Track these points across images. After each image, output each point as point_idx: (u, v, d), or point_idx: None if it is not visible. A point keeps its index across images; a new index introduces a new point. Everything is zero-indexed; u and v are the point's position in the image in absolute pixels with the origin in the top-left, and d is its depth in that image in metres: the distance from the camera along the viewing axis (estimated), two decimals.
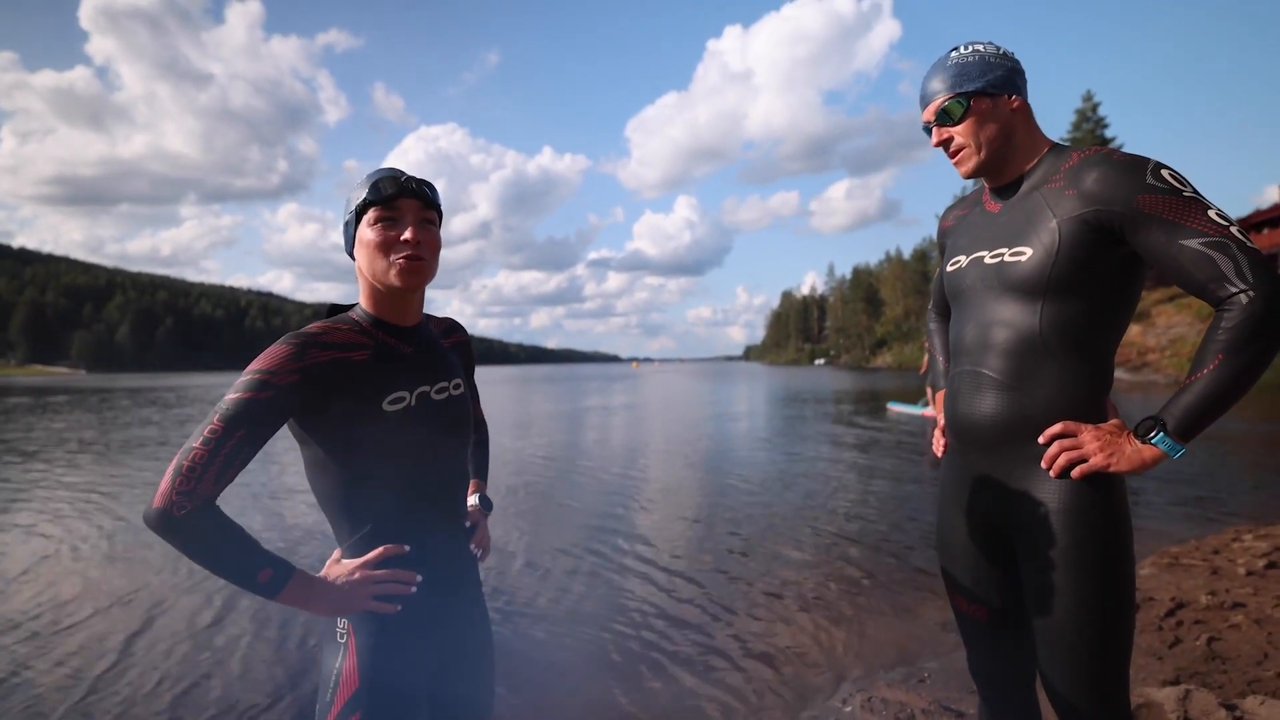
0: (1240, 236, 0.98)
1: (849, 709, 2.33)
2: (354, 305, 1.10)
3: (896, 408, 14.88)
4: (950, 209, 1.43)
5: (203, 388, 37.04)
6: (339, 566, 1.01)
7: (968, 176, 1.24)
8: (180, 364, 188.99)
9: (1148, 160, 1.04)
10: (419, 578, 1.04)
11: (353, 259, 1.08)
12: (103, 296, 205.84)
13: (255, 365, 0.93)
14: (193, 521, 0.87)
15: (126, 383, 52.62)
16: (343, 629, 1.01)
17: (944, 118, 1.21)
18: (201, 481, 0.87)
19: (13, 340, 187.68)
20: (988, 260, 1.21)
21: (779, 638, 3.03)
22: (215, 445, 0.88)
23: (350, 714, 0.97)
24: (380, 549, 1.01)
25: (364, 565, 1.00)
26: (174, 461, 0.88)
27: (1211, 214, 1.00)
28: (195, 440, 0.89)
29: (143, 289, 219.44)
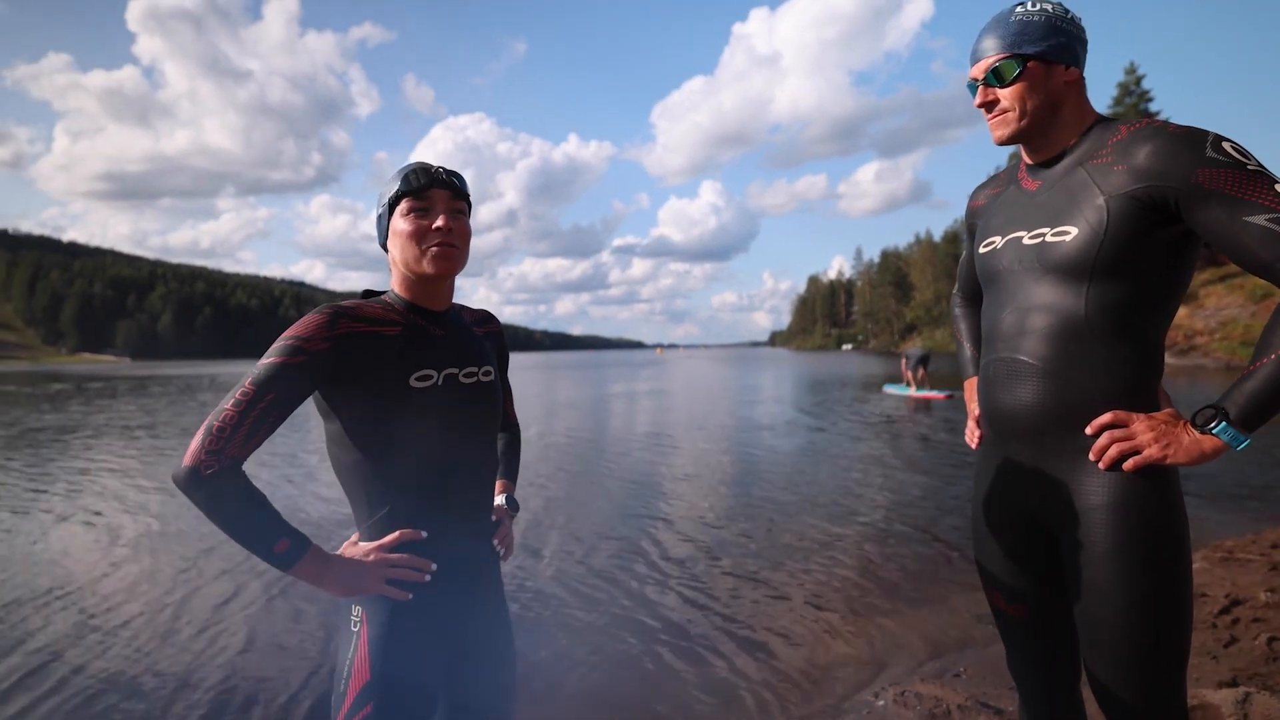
0: None
1: (881, 703, 2.27)
2: (387, 291, 1.11)
3: (891, 390, 15.72)
4: (981, 187, 1.36)
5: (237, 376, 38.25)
6: (355, 549, 1.01)
7: (1001, 142, 1.16)
8: (218, 352, 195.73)
9: (1206, 132, 0.98)
10: (434, 566, 1.02)
11: (385, 251, 1.10)
12: (145, 287, 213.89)
13: (289, 332, 0.96)
14: (218, 482, 0.88)
15: (170, 370, 54.66)
16: (356, 618, 1.00)
17: (994, 78, 1.13)
18: (230, 442, 0.88)
19: (64, 330, 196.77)
20: (1027, 241, 1.14)
21: (810, 630, 2.99)
22: (246, 407, 0.90)
23: (363, 706, 0.95)
24: (397, 533, 1.01)
25: (380, 548, 1.00)
26: (205, 422, 0.90)
27: (1279, 188, 0.93)
28: (227, 402, 0.90)
29: (183, 280, 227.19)
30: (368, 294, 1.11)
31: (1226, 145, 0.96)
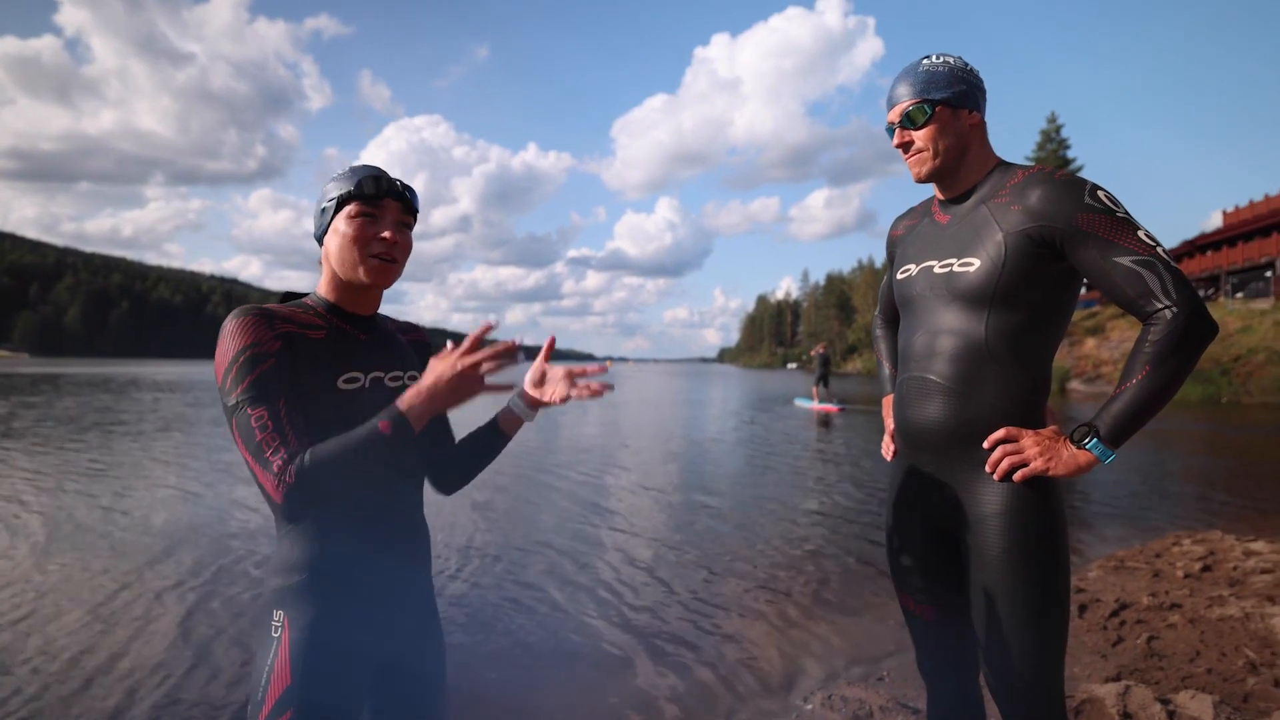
0: (1165, 256, 1.06)
1: (810, 706, 2.38)
2: (308, 294, 1.10)
3: (800, 403, 17.10)
4: (900, 219, 1.48)
5: (152, 376, 35.47)
6: (441, 363, 0.96)
7: (919, 180, 1.28)
8: (133, 350, 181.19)
9: (1085, 181, 1.12)
10: (521, 339, 0.95)
11: (321, 245, 1.08)
12: (51, 277, 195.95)
13: (238, 346, 0.92)
14: (305, 475, 0.86)
15: (76, 369, 50.17)
16: (277, 623, 0.96)
17: (908, 121, 1.25)
18: (286, 446, 0.88)
19: None
20: (937, 270, 1.25)
21: (742, 637, 3.07)
22: (272, 422, 0.89)
23: (281, 713, 0.92)
24: (475, 332, 0.96)
25: (461, 354, 0.95)
26: (252, 462, 0.88)
27: (1141, 234, 1.08)
28: (256, 435, 0.88)
29: (95, 270, 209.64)
30: (287, 297, 1.09)
31: (1101, 194, 1.10)
